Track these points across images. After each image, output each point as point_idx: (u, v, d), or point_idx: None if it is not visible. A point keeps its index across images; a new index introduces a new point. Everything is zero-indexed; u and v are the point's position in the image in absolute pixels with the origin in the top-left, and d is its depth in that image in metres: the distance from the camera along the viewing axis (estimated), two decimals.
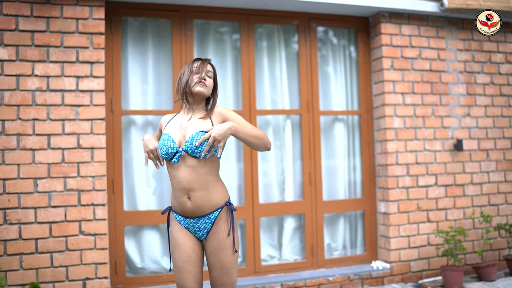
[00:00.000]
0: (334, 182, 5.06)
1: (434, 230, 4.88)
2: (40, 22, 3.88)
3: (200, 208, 2.52)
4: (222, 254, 2.55)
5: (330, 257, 4.96)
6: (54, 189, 3.84)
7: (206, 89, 2.61)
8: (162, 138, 2.57)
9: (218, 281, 2.58)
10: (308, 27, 4.92)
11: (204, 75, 2.60)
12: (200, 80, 2.58)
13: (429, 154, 4.94)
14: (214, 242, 2.56)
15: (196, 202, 2.51)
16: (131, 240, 4.42)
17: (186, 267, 2.54)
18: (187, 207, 2.53)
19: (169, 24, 4.55)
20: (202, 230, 2.58)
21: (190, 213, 2.55)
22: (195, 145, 2.46)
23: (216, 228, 2.56)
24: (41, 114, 3.84)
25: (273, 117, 4.88)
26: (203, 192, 2.51)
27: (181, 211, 2.57)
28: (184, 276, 2.53)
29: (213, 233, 2.56)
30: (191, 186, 2.50)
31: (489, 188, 5.16)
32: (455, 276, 4.55)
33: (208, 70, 2.64)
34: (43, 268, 3.79)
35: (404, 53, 4.92)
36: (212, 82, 2.67)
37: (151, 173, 4.51)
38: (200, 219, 2.55)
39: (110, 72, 4.28)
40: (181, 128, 2.57)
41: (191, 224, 2.58)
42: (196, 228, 2.58)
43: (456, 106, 5.07)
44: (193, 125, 2.55)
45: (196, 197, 2.51)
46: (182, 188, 2.51)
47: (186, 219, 2.58)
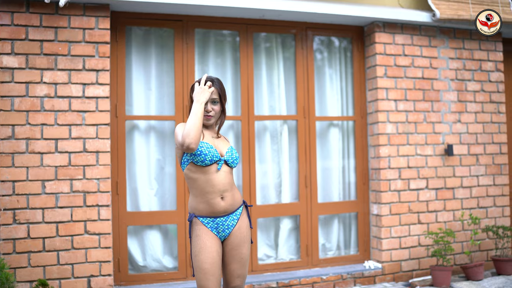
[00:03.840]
0: (329, 184, 5.26)
1: (424, 232, 5.08)
2: (49, 32, 4.08)
3: (231, 205, 2.84)
4: (243, 247, 2.87)
5: (325, 256, 5.16)
6: (61, 190, 4.05)
7: (213, 119, 2.90)
8: (204, 146, 2.77)
9: (235, 272, 2.85)
10: (305, 36, 5.12)
11: (209, 106, 2.85)
12: (206, 115, 2.85)
13: (420, 159, 5.14)
14: (238, 236, 2.85)
15: (228, 201, 2.83)
16: (133, 240, 4.62)
17: (211, 269, 2.73)
18: (220, 206, 2.80)
19: (171, 33, 4.75)
20: (230, 228, 2.84)
21: (223, 212, 2.81)
22: (235, 156, 2.89)
23: (240, 223, 2.88)
24: (49, 119, 4.05)
25: (270, 122, 5.08)
26: (231, 192, 2.85)
27: (212, 212, 2.80)
28: (209, 278, 2.72)
29: (238, 228, 2.87)
30: (225, 188, 2.81)
31: (478, 192, 5.36)
32: (443, 276, 4.75)
33: (213, 98, 2.86)
34: (50, 265, 4.00)
35: (397, 61, 5.11)
36: (219, 106, 2.90)
37: (153, 175, 4.71)
38: (230, 216, 2.85)
39: (114, 79, 4.48)
40: (213, 140, 2.89)
41: (220, 223, 2.82)
42: (225, 226, 2.83)
43: (447, 113, 5.26)
44: (220, 141, 2.93)
45: (228, 196, 2.83)
46: (218, 190, 2.79)
47: (216, 219, 2.81)
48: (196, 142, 2.65)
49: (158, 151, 4.74)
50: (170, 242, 4.73)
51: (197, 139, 2.66)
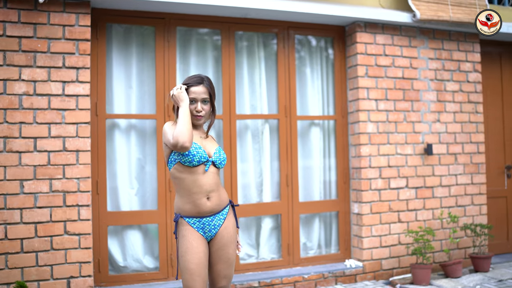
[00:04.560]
0: (310, 184, 5.28)
1: (404, 230, 5.14)
2: (28, 28, 3.99)
3: (217, 205, 2.83)
4: (230, 247, 2.85)
5: (306, 255, 5.17)
6: (40, 190, 3.97)
7: (203, 119, 2.88)
8: (193, 146, 2.75)
9: (222, 273, 2.83)
10: (287, 35, 5.12)
11: (199, 106, 2.81)
12: (196, 115, 2.83)
13: (400, 158, 5.19)
14: (224, 236, 2.84)
15: (214, 201, 2.81)
16: (114, 240, 4.56)
17: (197, 270, 2.71)
18: (207, 207, 2.78)
19: (152, 31, 4.70)
20: (216, 228, 2.82)
21: (209, 212, 2.79)
22: (223, 157, 2.88)
23: (226, 223, 2.86)
24: (27, 118, 3.96)
25: (252, 121, 5.07)
26: (218, 192, 2.84)
27: (198, 213, 2.78)
28: (195, 278, 2.70)
29: (224, 227, 2.85)
30: (212, 188, 2.80)
31: (457, 190, 5.44)
32: (423, 274, 4.81)
33: (203, 98, 2.82)
34: (29, 267, 3.91)
35: (378, 61, 5.15)
36: (209, 106, 2.87)
37: (134, 174, 4.65)
38: (216, 215, 2.83)
39: (95, 77, 4.41)
40: (201, 140, 2.86)
41: (206, 223, 2.80)
42: (211, 226, 2.81)
43: (427, 112, 5.33)
44: (208, 141, 2.91)
45: (214, 197, 2.81)
46: (204, 191, 2.77)
47: (202, 219, 2.79)
48: (190, 141, 2.65)
49: (139, 150, 4.68)
50: (151, 242, 4.68)
51: (191, 137, 2.66)
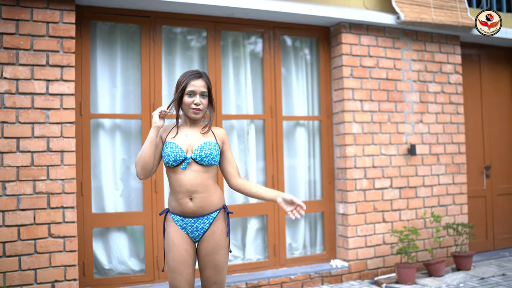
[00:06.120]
0: (296, 184, 5.27)
1: (389, 230, 5.17)
2: (9, 25, 3.87)
3: (201, 208, 2.69)
4: (217, 254, 2.72)
5: (291, 256, 5.16)
6: (23, 192, 3.84)
7: (201, 113, 2.77)
8: (169, 146, 2.70)
9: (211, 279, 2.73)
10: (273, 35, 5.10)
11: (198, 99, 2.73)
12: (195, 108, 2.73)
13: (385, 158, 5.23)
14: (211, 242, 2.71)
15: (197, 203, 2.69)
16: (99, 242, 4.46)
17: (178, 268, 2.66)
18: (188, 207, 2.69)
19: (138, 29, 4.62)
20: (199, 231, 2.71)
21: (191, 213, 2.69)
22: (204, 154, 2.68)
23: (213, 228, 2.72)
24: (10, 117, 3.83)
25: (237, 121, 5.03)
26: (204, 194, 2.70)
27: (181, 211, 2.71)
28: (176, 277, 2.65)
29: (211, 233, 2.72)
30: (195, 188, 2.67)
31: (439, 190, 5.51)
32: (408, 273, 4.85)
33: (202, 91, 2.75)
34: (11, 271, 3.78)
35: (363, 62, 5.18)
36: (207, 100, 2.79)
37: (119, 175, 4.56)
38: (199, 218, 2.71)
39: (79, 76, 4.31)
40: (187, 138, 2.75)
41: (189, 224, 2.71)
42: (193, 228, 2.71)
43: (410, 113, 5.39)
44: (198, 137, 2.76)
45: (198, 198, 2.68)
46: (186, 190, 2.67)
47: (185, 218, 2.71)
48: (140, 173, 2.71)
49: (124, 150, 4.59)
50: (137, 244, 4.59)
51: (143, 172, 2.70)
